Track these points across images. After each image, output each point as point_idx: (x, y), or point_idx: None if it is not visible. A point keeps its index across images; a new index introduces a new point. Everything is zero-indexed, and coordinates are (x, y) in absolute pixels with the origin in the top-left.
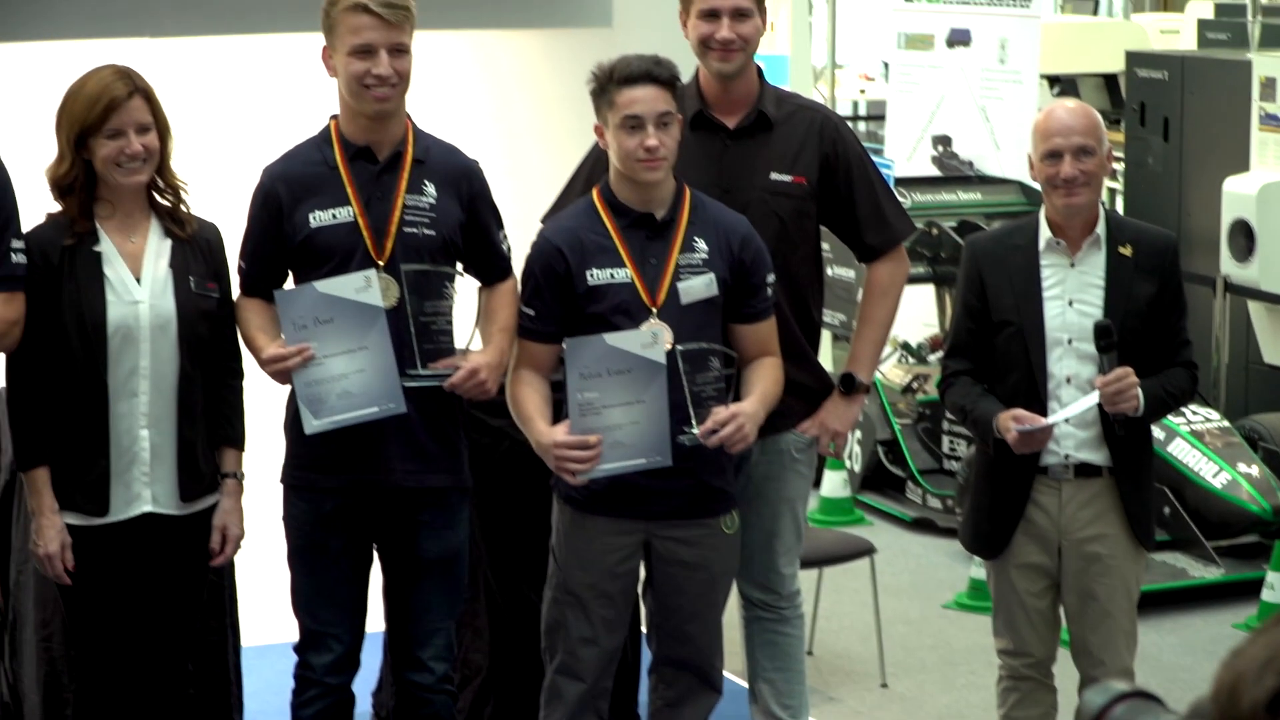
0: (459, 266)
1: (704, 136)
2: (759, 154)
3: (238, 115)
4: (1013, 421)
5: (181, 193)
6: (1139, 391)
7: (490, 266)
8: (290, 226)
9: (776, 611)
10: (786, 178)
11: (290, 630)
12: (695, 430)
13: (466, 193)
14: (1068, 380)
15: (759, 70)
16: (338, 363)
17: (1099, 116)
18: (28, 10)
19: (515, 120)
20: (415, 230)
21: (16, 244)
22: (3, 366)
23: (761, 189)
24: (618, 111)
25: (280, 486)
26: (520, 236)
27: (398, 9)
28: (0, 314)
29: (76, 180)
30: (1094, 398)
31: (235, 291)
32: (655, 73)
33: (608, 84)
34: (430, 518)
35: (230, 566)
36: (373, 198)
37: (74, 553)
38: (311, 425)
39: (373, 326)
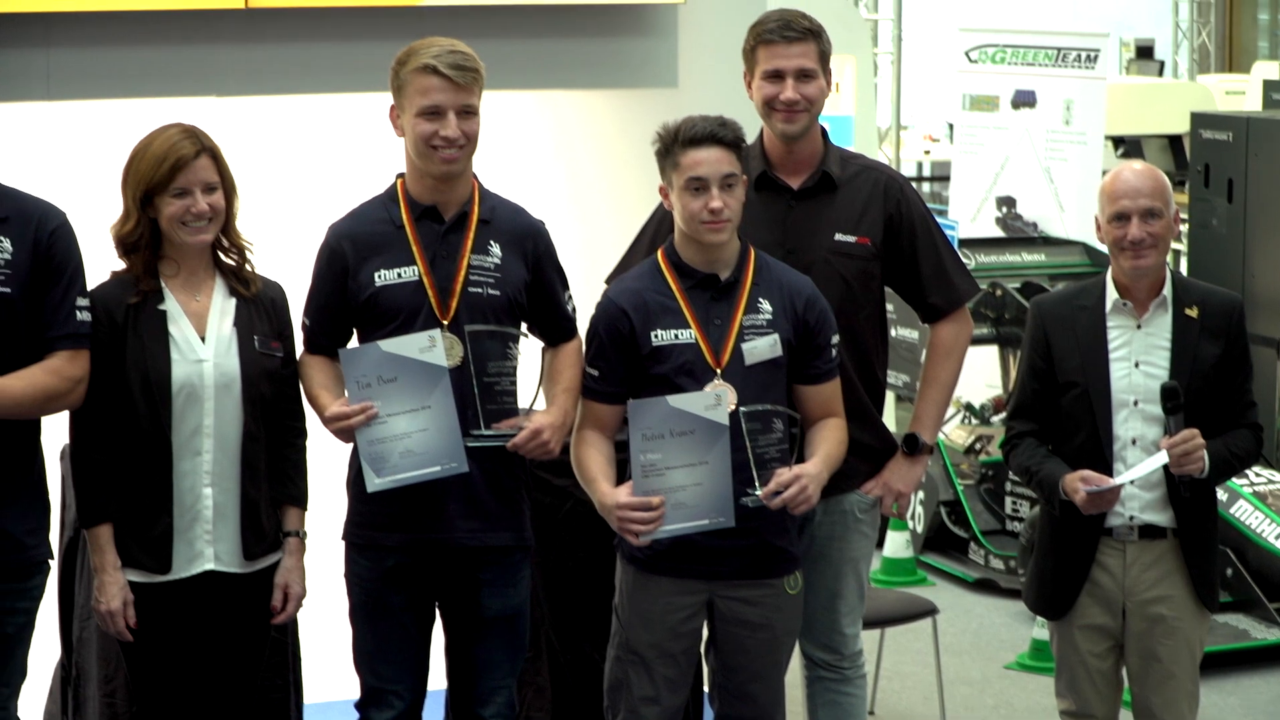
0: (524, 327)
1: (768, 197)
2: (823, 215)
3: (302, 174)
4: (1080, 482)
5: (246, 252)
6: (1205, 453)
7: (555, 327)
8: (355, 285)
9: (839, 671)
10: (851, 238)
11: (352, 687)
12: (758, 492)
13: (532, 253)
14: (1133, 442)
15: (823, 131)
16: (401, 421)
17: (1166, 179)
18: (94, 69)
19: (582, 180)
20: (480, 290)
21: (82, 302)
22: (68, 424)
23: (826, 250)
24: (682, 173)
25: (342, 544)
26: (587, 296)
27: (467, 71)
28: (65, 371)
29: (142, 238)
30: (1160, 459)
31: (299, 349)
32: (720, 134)
33: (672, 145)
34: (492, 576)
35: (293, 623)
36: (438, 257)
37: (136, 609)
38: (374, 483)
39: (436, 386)
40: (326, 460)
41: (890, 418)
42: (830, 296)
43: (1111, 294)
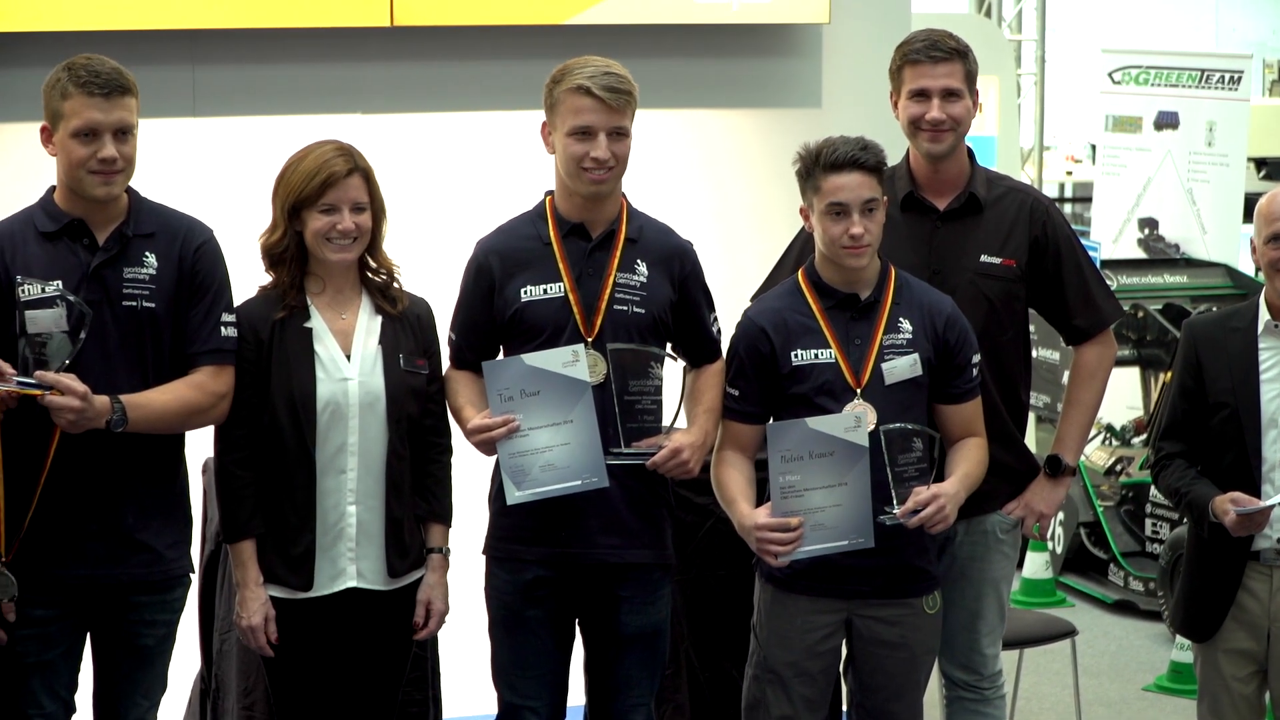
0: (668, 347)
1: (914, 218)
2: (969, 236)
3: (446, 191)
4: (1230, 504)
5: (394, 272)
6: None
7: (699, 347)
8: (501, 300)
9: (978, 692)
10: (996, 260)
11: (490, 703)
12: (896, 511)
13: (678, 273)
14: None
15: (969, 151)
16: (542, 435)
17: None
18: (239, 86)
19: (726, 199)
20: (625, 308)
21: (227, 318)
22: (212, 438)
23: (971, 271)
24: (823, 197)
25: (481, 559)
26: (729, 316)
27: (620, 94)
28: (209, 387)
29: (287, 250)
30: None
31: (445, 364)
32: (861, 159)
33: (814, 168)
34: (631, 593)
35: (432, 638)
36: (584, 274)
37: (278, 625)
38: (514, 496)
39: (578, 400)
40: (467, 476)
41: (1031, 439)
42: (975, 318)
43: (1264, 316)
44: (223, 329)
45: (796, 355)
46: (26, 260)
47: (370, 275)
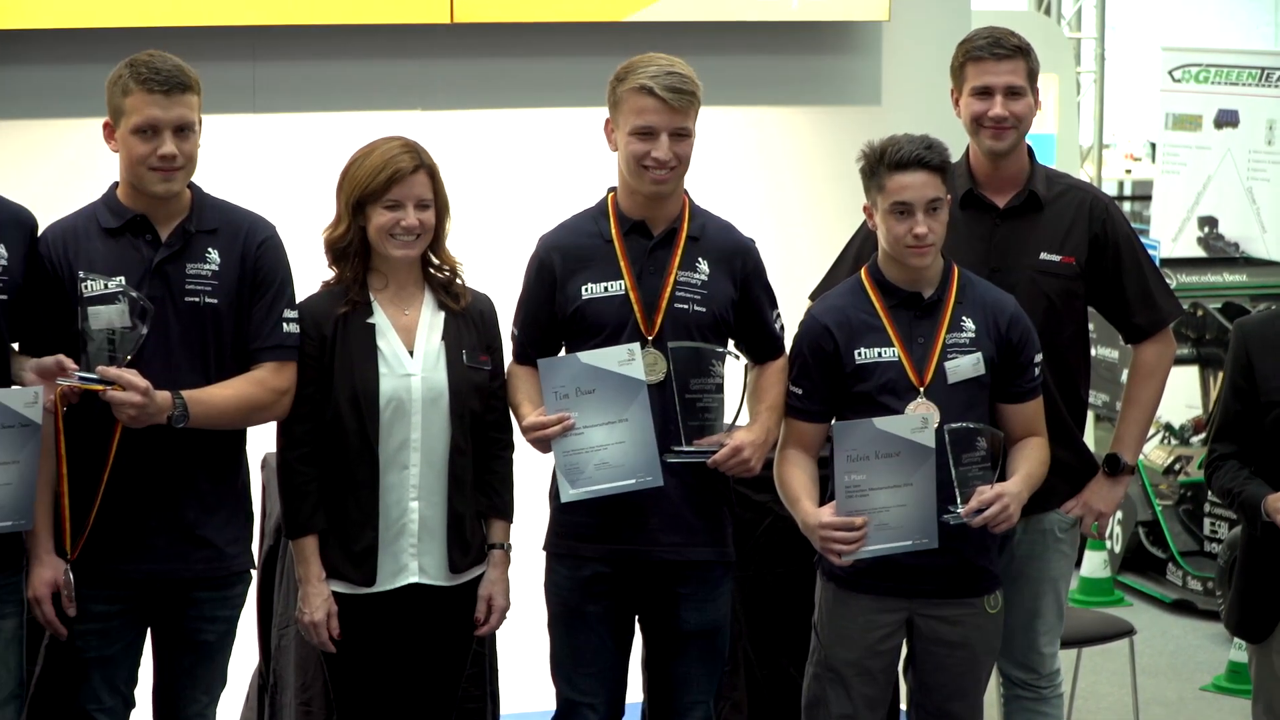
0: (730, 345)
1: (973, 215)
2: (1029, 234)
3: (505, 187)
4: None
5: (457, 269)
6: None
7: (761, 345)
8: (562, 297)
9: (1036, 691)
10: (1056, 258)
11: (548, 699)
12: (960, 510)
13: (740, 271)
14: None
15: (1029, 149)
16: (597, 433)
17: None
18: (299, 83)
19: (783, 196)
20: (686, 306)
21: (289, 314)
22: (275, 434)
23: (1031, 269)
24: (887, 196)
25: (541, 555)
26: (787, 313)
27: (683, 94)
28: (270, 383)
29: (351, 245)
30: None
31: (508, 360)
32: (926, 158)
33: (878, 166)
34: (691, 590)
35: (491, 634)
36: (645, 272)
37: (340, 621)
38: (568, 494)
39: (634, 399)
40: (527, 471)
41: (1089, 437)
42: (1034, 316)
43: None
44: (285, 325)
45: (860, 354)
46: (89, 256)
47: (433, 272)
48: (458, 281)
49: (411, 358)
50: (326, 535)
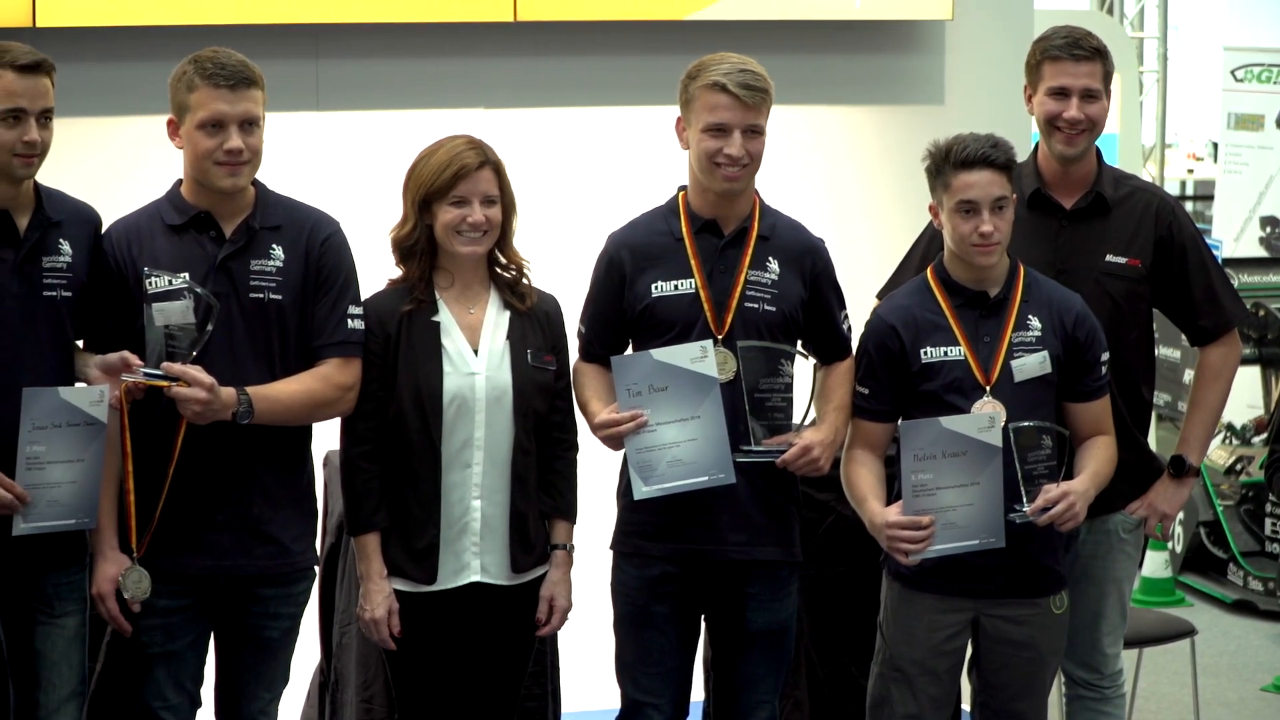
0: (799, 345)
1: (1040, 216)
2: (1095, 236)
3: (569, 186)
4: None
5: (524, 267)
6: None
7: (830, 345)
8: (632, 295)
9: (1099, 691)
10: (1121, 260)
11: (609, 698)
12: (1026, 508)
13: (810, 270)
14: None
15: (1097, 150)
16: (670, 430)
17: None
18: (362, 80)
19: (844, 196)
20: (756, 305)
21: (354, 310)
22: (338, 430)
23: (1097, 271)
24: (953, 194)
25: (604, 554)
26: (851, 312)
27: (756, 91)
28: (335, 379)
29: (418, 244)
30: None
31: (574, 358)
32: (992, 156)
33: (944, 165)
34: (758, 590)
35: (553, 634)
36: (715, 271)
37: (401, 619)
38: (641, 491)
39: (707, 396)
40: (593, 471)
41: (1151, 437)
42: (1099, 317)
43: None
44: (349, 321)
45: (926, 353)
46: (154, 253)
47: (499, 271)
48: (524, 281)
49: (476, 356)
50: (388, 533)
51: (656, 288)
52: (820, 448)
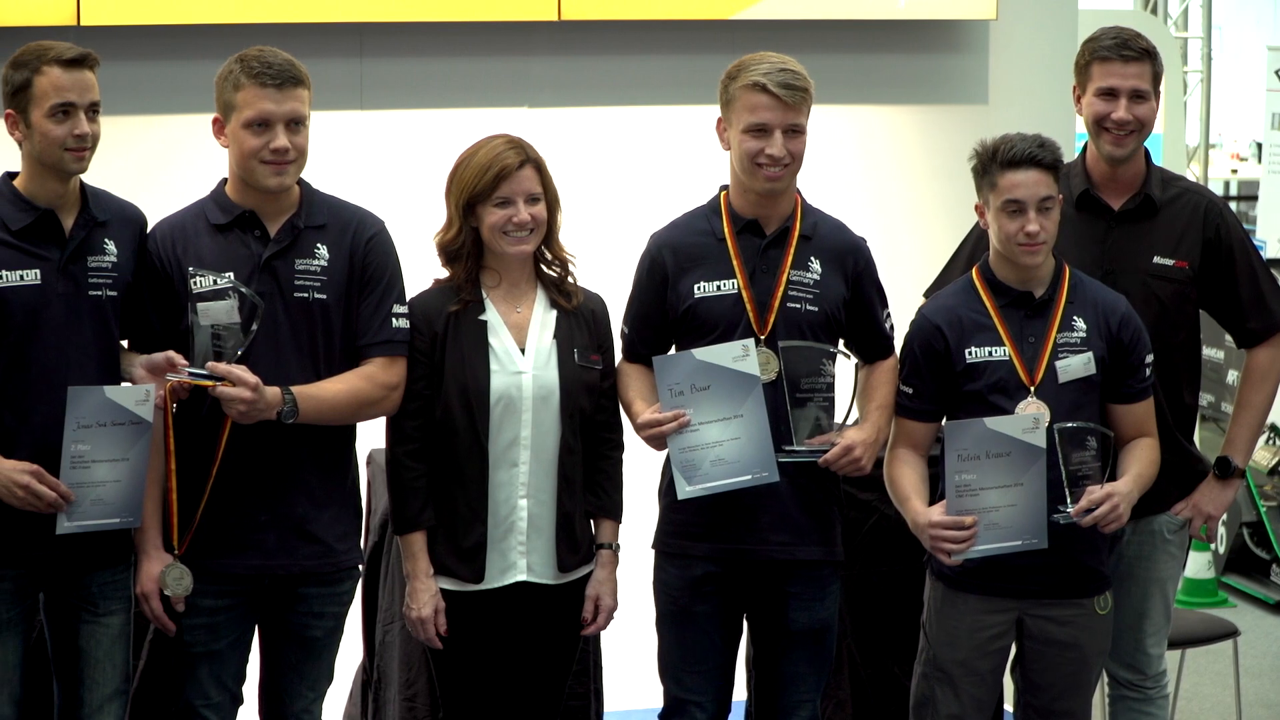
0: (840, 344)
1: (1088, 217)
2: (1143, 237)
3: (611, 184)
4: None
5: (569, 265)
6: None
7: (872, 344)
8: (674, 295)
9: (1142, 691)
10: (1169, 262)
11: (652, 696)
12: (1070, 509)
13: (852, 270)
14: None
15: (1145, 152)
16: (713, 430)
17: None
18: (406, 79)
19: (886, 195)
20: (798, 305)
21: (399, 309)
22: (384, 429)
23: (1144, 272)
24: (1000, 194)
25: (646, 553)
26: (894, 310)
27: (797, 91)
28: (380, 378)
29: (464, 246)
30: None
31: (618, 357)
32: (1039, 156)
33: (990, 164)
34: (800, 589)
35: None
36: (758, 271)
37: (447, 617)
38: (684, 490)
39: (749, 395)
40: (636, 470)
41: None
42: (1146, 319)
43: None
44: (394, 320)
45: (970, 353)
46: (199, 252)
47: (545, 269)
48: (570, 280)
49: (523, 355)
50: (435, 531)
51: (699, 288)
52: (862, 447)
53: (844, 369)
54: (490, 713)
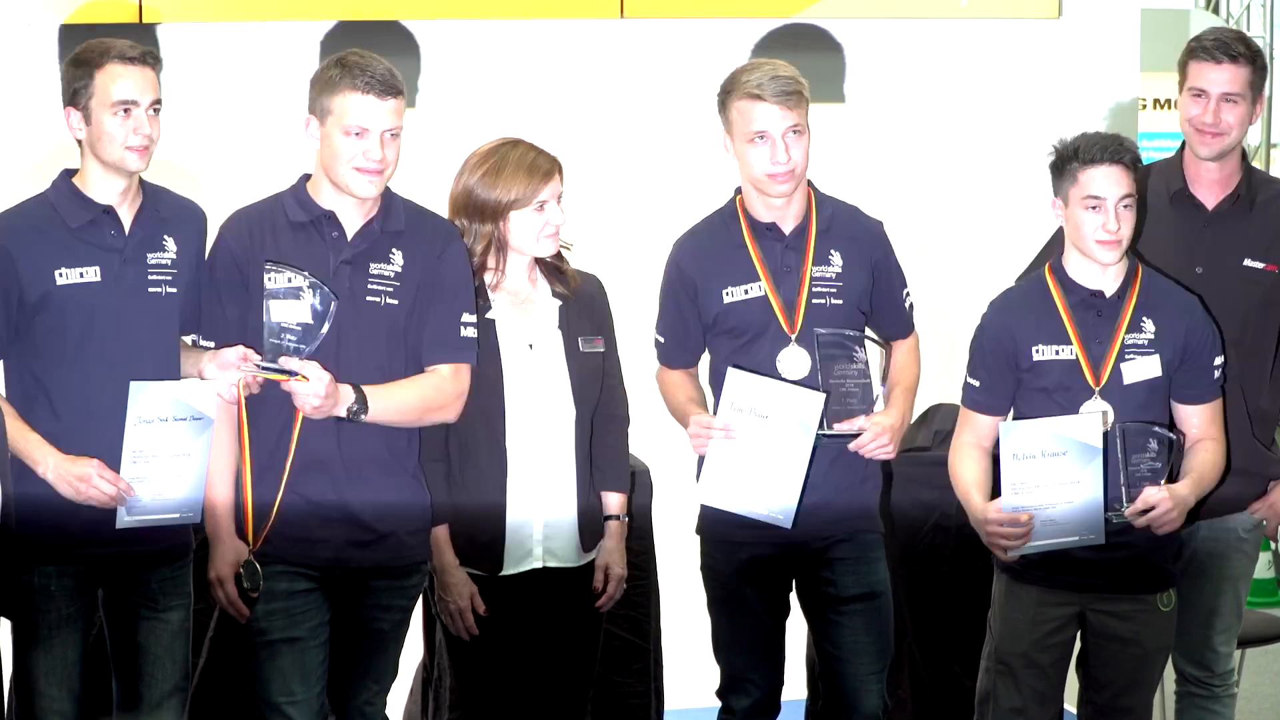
0: (865, 330)
1: (1183, 215)
2: (1235, 238)
3: (682, 183)
4: None
5: (564, 252)
6: None
7: (893, 324)
8: (704, 303)
9: (1209, 689)
10: (1259, 264)
11: (712, 695)
12: (1125, 510)
13: (870, 254)
14: None
15: (1243, 152)
16: (753, 456)
17: None
18: (469, 79)
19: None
20: (823, 301)
21: (468, 318)
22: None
23: (1234, 273)
24: (1080, 189)
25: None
26: (934, 298)
27: (791, 94)
28: (447, 386)
29: (486, 251)
30: None
31: (621, 339)
32: (1119, 154)
33: (1070, 161)
34: (845, 554)
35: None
36: (780, 272)
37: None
38: (703, 496)
39: (798, 443)
40: (683, 456)
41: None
42: (1232, 321)
43: None
44: (463, 329)
45: (1037, 350)
46: (276, 248)
47: (544, 259)
48: (567, 265)
49: (531, 350)
50: (456, 523)
51: (727, 294)
52: (889, 433)
53: (871, 352)
54: (507, 701)
